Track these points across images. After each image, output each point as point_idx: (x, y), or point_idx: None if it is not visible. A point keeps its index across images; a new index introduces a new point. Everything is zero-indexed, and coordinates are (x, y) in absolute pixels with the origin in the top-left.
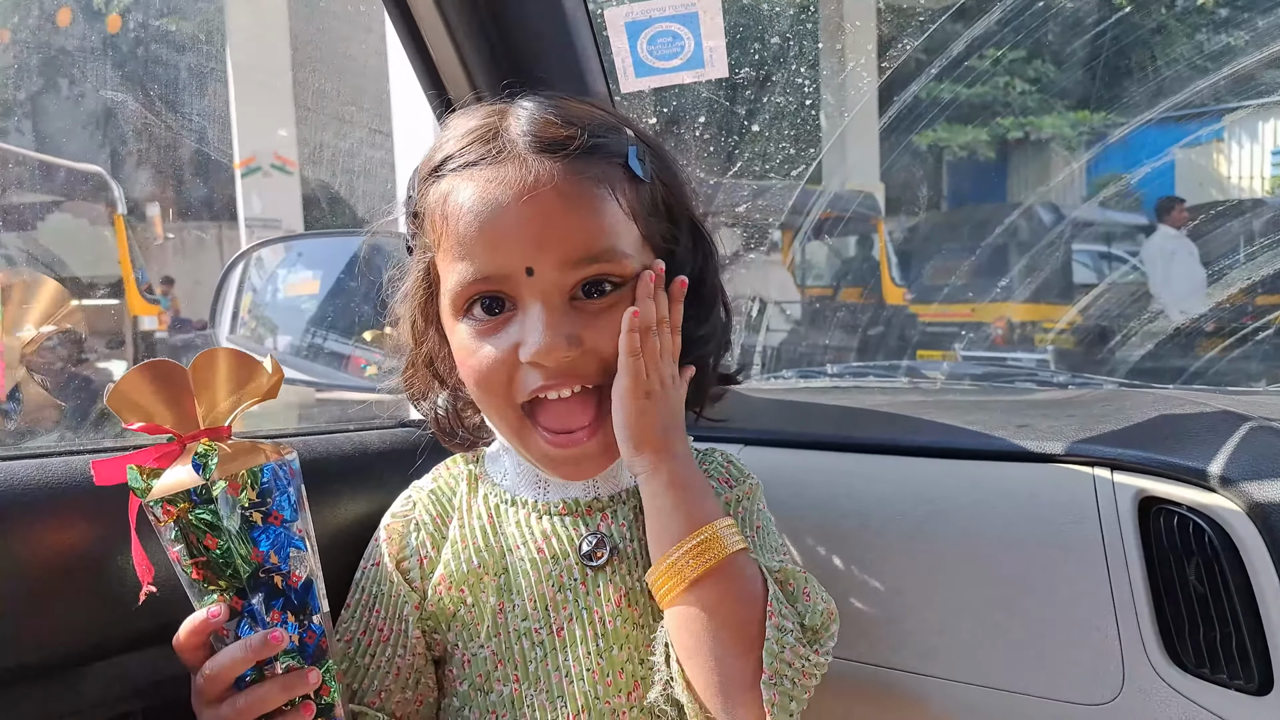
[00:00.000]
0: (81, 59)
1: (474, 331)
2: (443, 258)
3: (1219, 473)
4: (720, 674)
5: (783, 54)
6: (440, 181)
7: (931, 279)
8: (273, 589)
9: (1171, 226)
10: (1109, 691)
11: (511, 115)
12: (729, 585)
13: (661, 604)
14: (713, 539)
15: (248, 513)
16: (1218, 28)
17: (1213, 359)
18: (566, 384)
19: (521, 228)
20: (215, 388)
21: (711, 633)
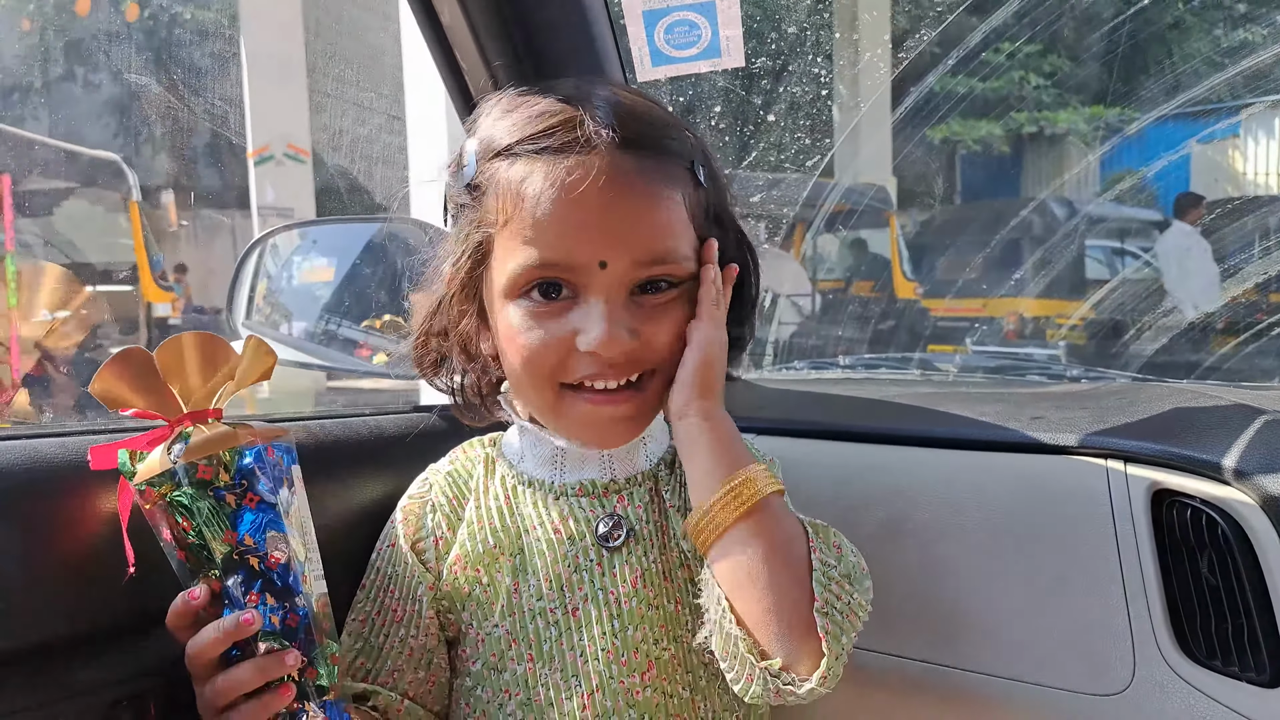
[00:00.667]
0: (99, 47)
1: (529, 313)
2: (507, 237)
3: (1233, 465)
4: (775, 602)
5: (799, 44)
6: (515, 161)
7: (943, 273)
8: (250, 571)
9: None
10: (1120, 682)
11: (592, 106)
12: (776, 520)
13: (704, 543)
14: (749, 481)
15: (222, 495)
16: (1235, 23)
17: (1226, 355)
18: (615, 376)
19: (601, 221)
20: (186, 372)
21: (765, 562)
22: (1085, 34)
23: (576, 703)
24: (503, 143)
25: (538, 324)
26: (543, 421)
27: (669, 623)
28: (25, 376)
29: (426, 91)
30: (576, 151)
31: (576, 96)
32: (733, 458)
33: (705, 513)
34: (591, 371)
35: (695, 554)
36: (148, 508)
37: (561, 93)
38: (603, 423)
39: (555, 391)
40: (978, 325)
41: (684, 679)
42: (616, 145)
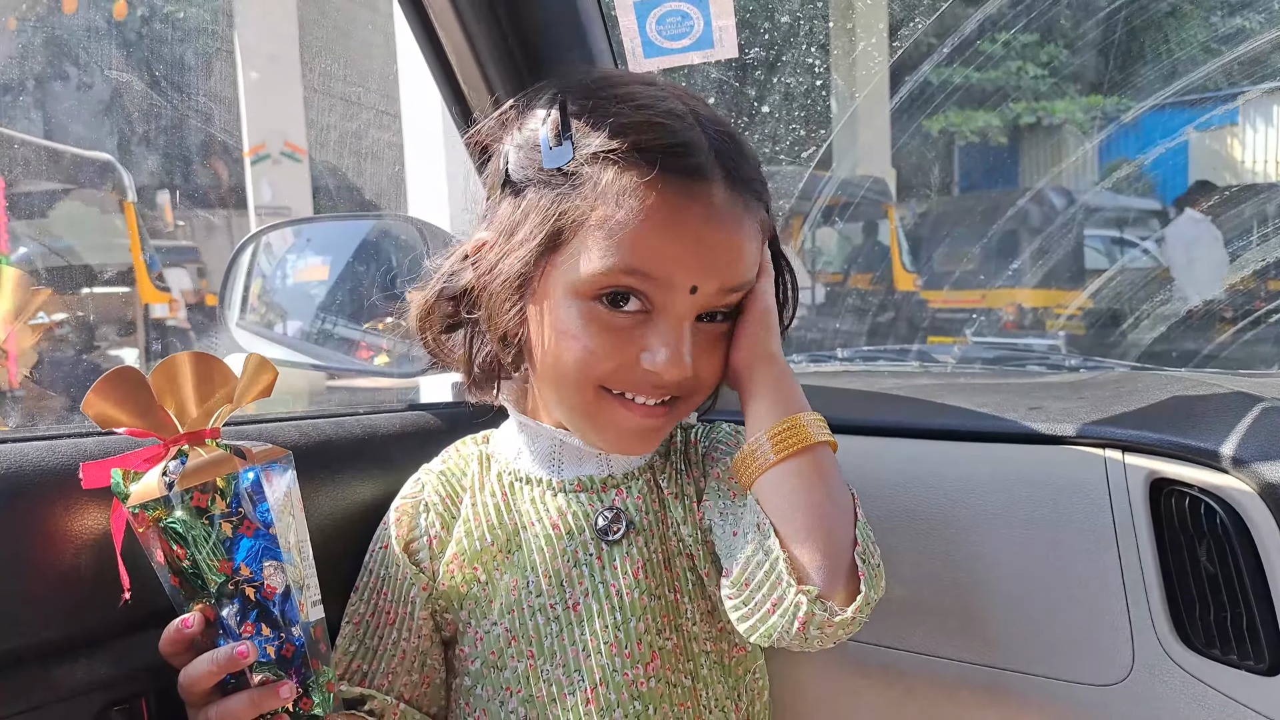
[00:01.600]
0: (89, 46)
1: (594, 316)
2: (601, 237)
3: (1231, 454)
4: (825, 533)
5: (793, 35)
6: (628, 167)
7: (942, 265)
8: (246, 600)
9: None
10: (1119, 671)
11: (703, 129)
12: (828, 464)
13: (751, 475)
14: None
15: (217, 522)
16: (1231, 10)
17: (1224, 343)
18: (658, 395)
19: (704, 249)
20: (182, 394)
21: (817, 495)
22: (1082, 23)
23: (580, 697)
24: (613, 143)
25: (602, 329)
26: (568, 421)
27: (670, 612)
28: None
29: (420, 87)
30: (692, 176)
31: (681, 113)
32: (791, 402)
33: (757, 447)
34: (641, 387)
35: (696, 541)
36: (141, 531)
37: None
38: (634, 433)
39: (595, 393)
40: (976, 316)
41: (686, 668)
42: (727, 180)
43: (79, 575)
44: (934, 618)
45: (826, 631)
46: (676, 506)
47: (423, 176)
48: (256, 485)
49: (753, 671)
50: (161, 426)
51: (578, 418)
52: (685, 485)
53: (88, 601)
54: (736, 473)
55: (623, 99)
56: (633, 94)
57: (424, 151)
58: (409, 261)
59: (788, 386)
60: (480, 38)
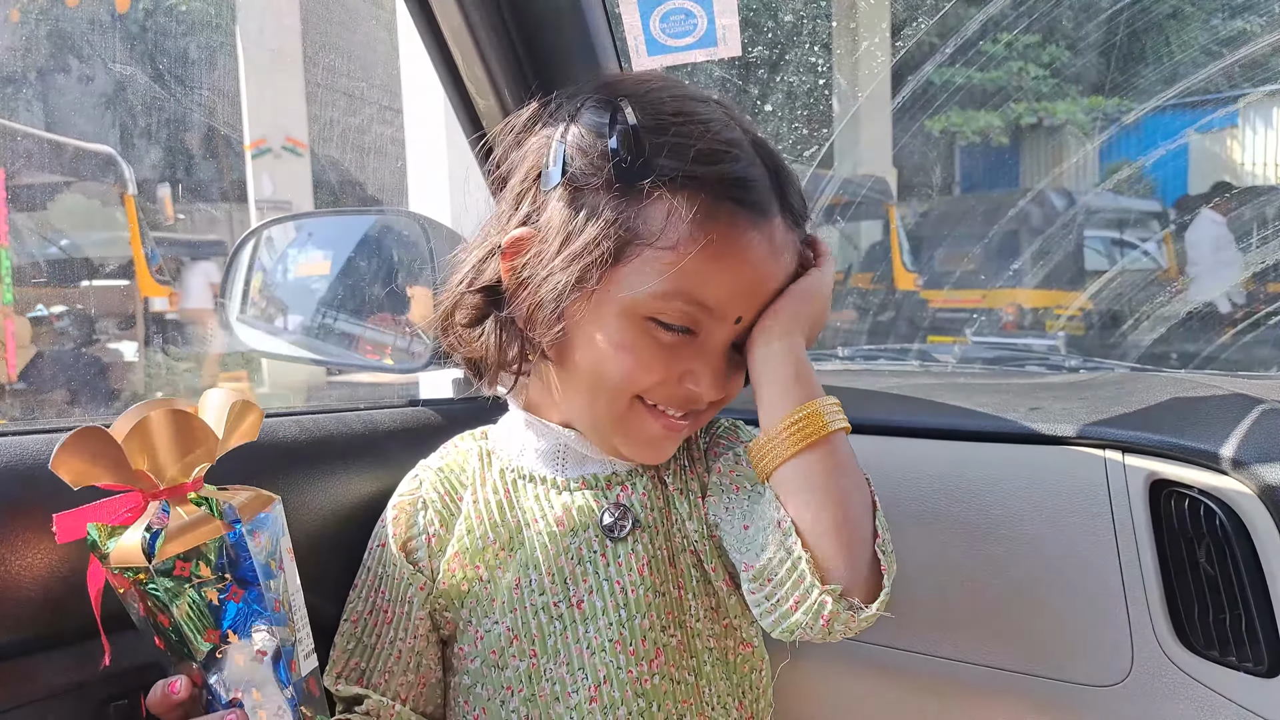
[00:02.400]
0: (90, 39)
1: (648, 334)
2: (665, 260)
3: (1231, 455)
4: (851, 529)
5: (796, 33)
6: (697, 190)
7: (943, 264)
8: (234, 668)
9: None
10: (1118, 673)
11: (761, 160)
12: (845, 452)
13: (772, 463)
14: (828, 409)
15: (202, 590)
16: (1233, 12)
17: (1223, 344)
18: (690, 409)
19: (758, 283)
20: (158, 455)
21: (835, 486)
22: (1083, 24)
23: (583, 695)
24: (683, 167)
25: (652, 347)
26: (592, 425)
27: (675, 608)
28: None
29: (423, 81)
30: (755, 211)
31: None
32: (808, 388)
33: (774, 436)
34: (676, 402)
35: (702, 536)
36: (121, 591)
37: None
38: (659, 441)
39: (629, 404)
40: (976, 316)
41: (690, 664)
42: (785, 216)
43: (78, 569)
44: (934, 617)
45: (850, 626)
46: (681, 502)
47: (425, 172)
48: (241, 542)
49: (756, 669)
50: (138, 480)
51: (606, 424)
52: (689, 481)
53: (86, 596)
54: (754, 462)
55: (685, 117)
56: (692, 111)
57: (426, 146)
58: (411, 257)
59: (804, 368)
60: (483, 31)
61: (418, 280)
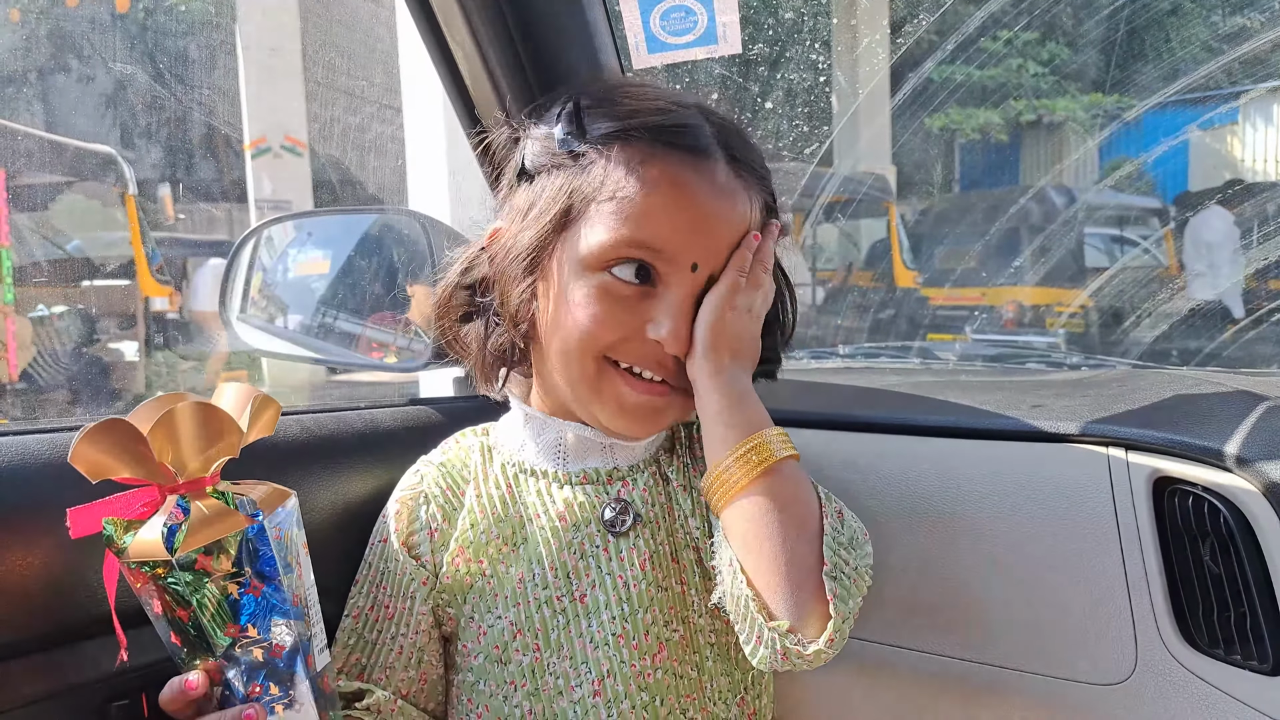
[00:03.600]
0: (91, 39)
1: (604, 288)
2: (608, 212)
3: (1235, 453)
4: (786, 562)
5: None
6: (635, 144)
7: (943, 262)
8: (253, 662)
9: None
10: (1122, 671)
11: (707, 117)
12: (789, 481)
13: (718, 503)
14: (763, 444)
15: (223, 584)
16: (1233, 9)
17: (1225, 341)
18: (660, 371)
19: (705, 226)
20: (181, 448)
21: (779, 522)
22: (1083, 21)
23: (587, 690)
24: (623, 123)
25: (610, 302)
26: (573, 395)
27: (677, 604)
28: None
29: (423, 79)
30: (695, 153)
31: (687, 102)
32: (746, 419)
33: (719, 473)
34: (645, 360)
35: (704, 534)
36: (137, 586)
37: (670, 95)
38: (636, 409)
39: (598, 365)
40: (978, 314)
41: (692, 659)
42: (730, 160)
43: (80, 569)
44: (936, 615)
45: (806, 659)
46: (685, 499)
47: (424, 170)
48: (260, 535)
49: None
50: (157, 474)
51: (582, 389)
52: (693, 479)
53: (89, 595)
54: (709, 498)
55: (633, 93)
56: (643, 89)
57: (426, 145)
58: (411, 256)
59: (736, 395)
60: (483, 30)
61: (418, 279)
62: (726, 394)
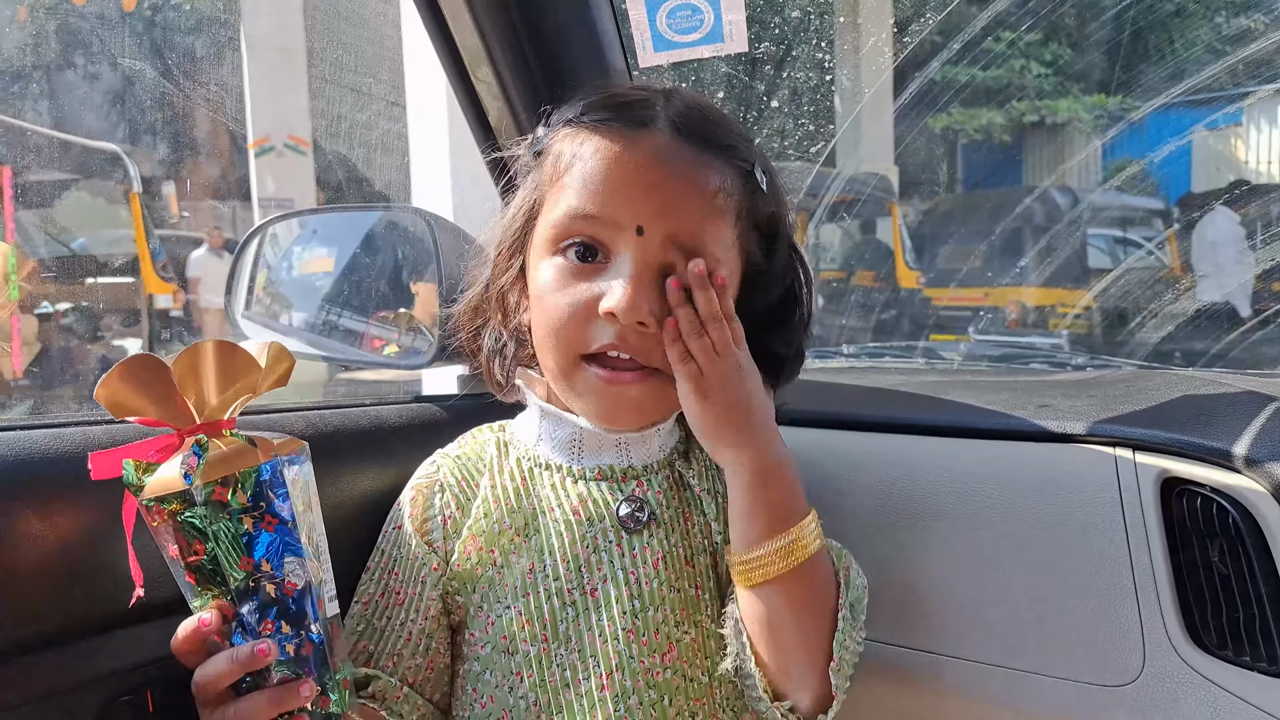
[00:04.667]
0: (97, 36)
1: (561, 271)
2: (554, 194)
3: (1244, 453)
4: (794, 659)
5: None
6: (579, 130)
7: (945, 263)
8: (266, 598)
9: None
10: (1129, 673)
11: (666, 97)
12: (809, 581)
13: (744, 582)
14: (798, 541)
15: (238, 517)
16: (1236, 10)
17: (1232, 342)
18: (628, 350)
19: (646, 189)
20: (203, 384)
21: (799, 617)
22: (1086, 22)
23: (594, 683)
24: (571, 113)
25: (568, 284)
26: (556, 389)
27: (689, 606)
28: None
29: (426, 76)
30: (636, 127)
31: (658, 90)
32: (781, 498)
33: (752, 558)
34: (608, 340)
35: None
36: (154, 525)
37: (638, 88)
38: (610, 397)
39: (572, 360)
40: (983, 314)
41: (704, 664)
42: (676, 131)
43: (85, 565)
44: (941, 616)
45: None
46: (710, 504)
47: (428, 168)
48: (276, 477)
49: None
50: (177, 416)
51: (561, 384)
52: (717, 484)
53: (93, 592)
54: (733, 571)
55: (603, 88)
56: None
57: (430, 142)
58: (417, 253)
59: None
60: (490, 27)
61: (422, 276)
62: (751, 485)
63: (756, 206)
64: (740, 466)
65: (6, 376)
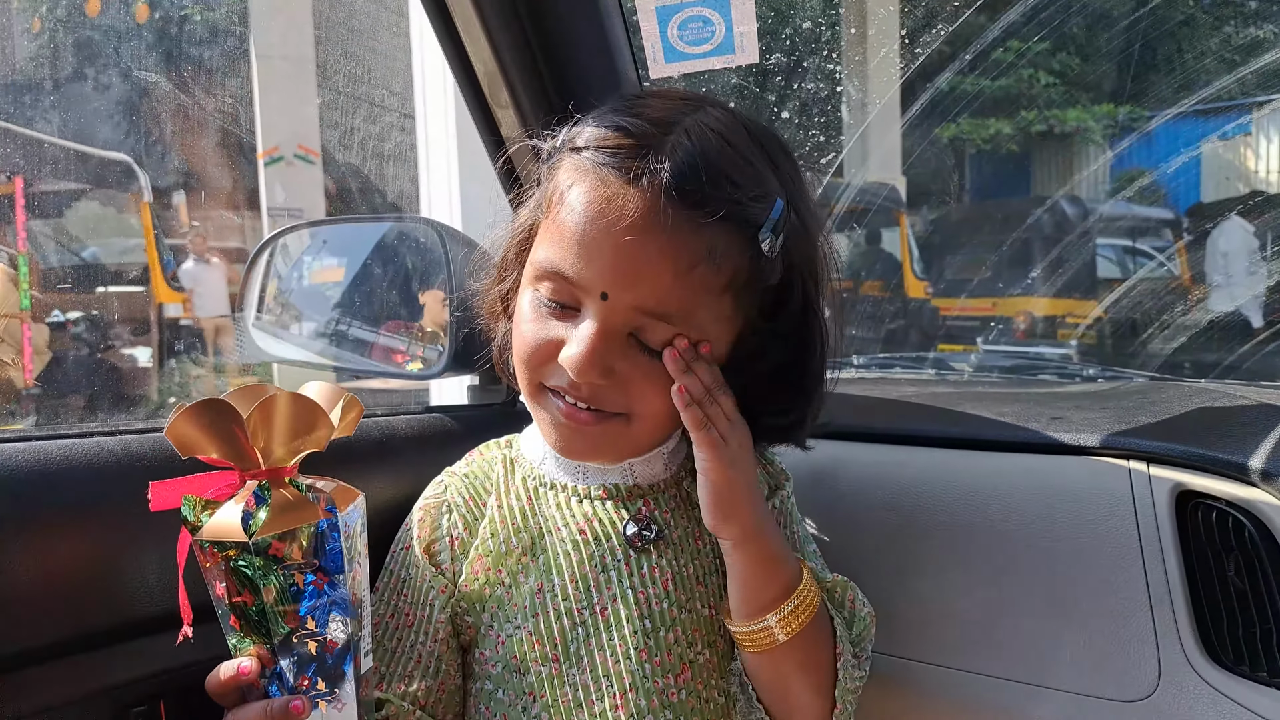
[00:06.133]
0: (107, 48)
1: (536, 305)
2: (545, 225)
3: (1259, 467)
4: (806, 703)
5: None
6: (578, 164)
7: (953, 273)
8: (306, 654)
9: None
10: (1144, 688)
11: (671, 141)
12: (810, 641)
13: (748, 649)
14: (800, 606)
15: (290, 573)
16: (1246, 20)
17: (1245, 354)
18: (580, 398)
19: (616, 257)
20: (273, 433)
21: (798, 678)
22: (1094, 32)
23: (608, 703)
24: (578, 140)
25: (539, 320)
26: (528, 407)
27: (703, 627)
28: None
29: (436, 88)
30: (626, 179)
31: (668, 122)
32: (779, 573)
33: (758, 633)
34: (563, 384)
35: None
36: (206, 565)
37: (660, 111)
38: (569, 430)
39: (536, 386)
40: (994, 324)
41: (720, 685)
42: (666, 192)
43: (98, 576)
44: (954, 629)
45: None
46: None
47: (438, 179)
48: (333, 530)
49: None
50: (242, 458)
51: (531, 404)
52: None
53: (106, 602)
54: (736, 637)
55: (630, 107)
56: (644, 104)
57: (438, 154)
58: (427, 264)
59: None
60: (502, 39)
61: (432, 286)
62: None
63: (761, 270)
64: (749, 545)
65: (18, 385)
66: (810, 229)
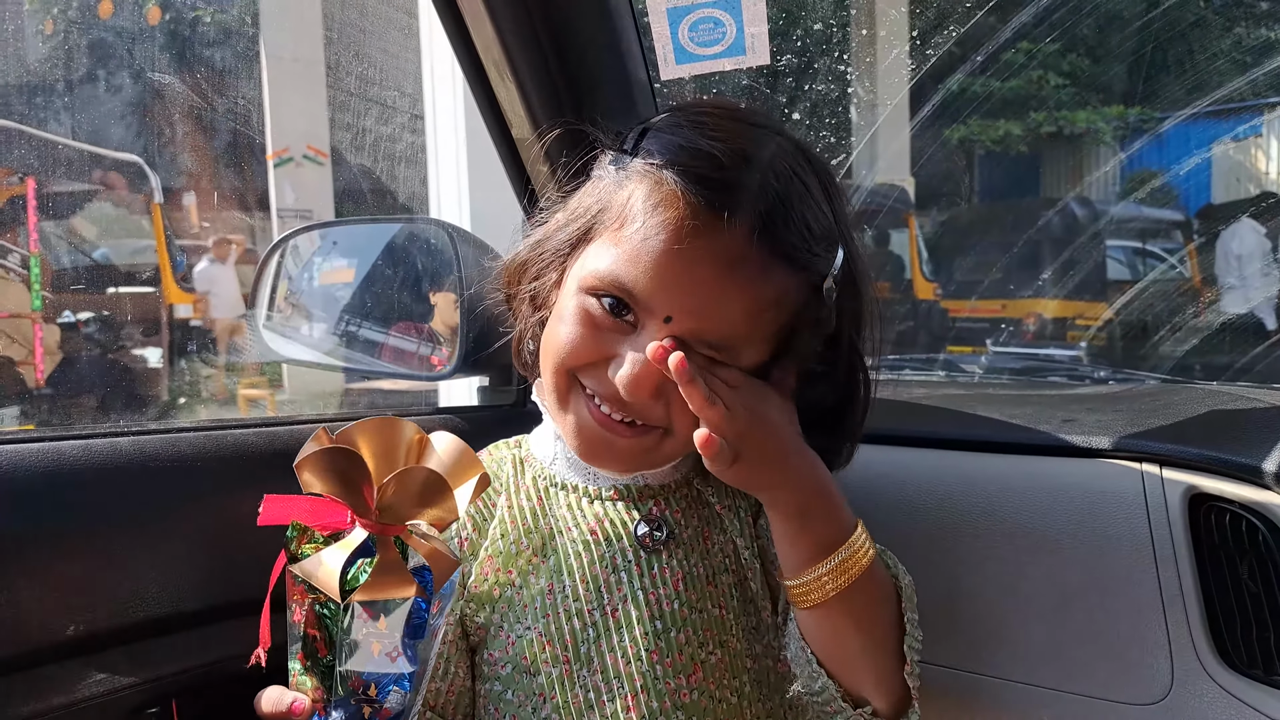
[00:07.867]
0: (119, 49)
1: (590, 312)
2: (611, 241)
3: (1273, 469)
4: (866, 667)
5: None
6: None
7: (962, 274)
8: (357, 715)
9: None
10: (1158, 691)
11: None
12: (869, 590)
13: (803, 604)
14: (851, 558)
15: (368, 638)
16: (1257, 22)
17: (1257, 356)
18: (619, 411)
19: (694, 289)
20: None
21: (860, 634)
22: (1105, 33)
23: (620, 704)
24: (661, 156)
25: (587, 326)
26: (548, 403)
27: (714, 627)
28: None
29: (446, 90)
30: (715, 213)
31: (750, 156)
32: (825, 527)
33: (806, 584)
34: (605, 393)
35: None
36: (294, 595)
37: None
38: (590, 435)
39: (568, 382)
40: (1004, 326)
41: (731, 684)
42: (752, 232)
43: (110, 577)
44: (968, 632)
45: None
46: (732, 521)
47: (448, 179)
48: (421, 615)
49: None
50: (360, 505)
51: (552, 401)
52: (737, 499)
53: (121, 603)
54: (791, 596)
55: (703, 125)
56: (717, 125)
57: (448, 155)
58: (437, 265)
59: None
60: (513, 39)
61: (442, 287)
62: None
63: (821, 319)
64: (778, 503)
65: (29, 385)
66: (864, 280)
